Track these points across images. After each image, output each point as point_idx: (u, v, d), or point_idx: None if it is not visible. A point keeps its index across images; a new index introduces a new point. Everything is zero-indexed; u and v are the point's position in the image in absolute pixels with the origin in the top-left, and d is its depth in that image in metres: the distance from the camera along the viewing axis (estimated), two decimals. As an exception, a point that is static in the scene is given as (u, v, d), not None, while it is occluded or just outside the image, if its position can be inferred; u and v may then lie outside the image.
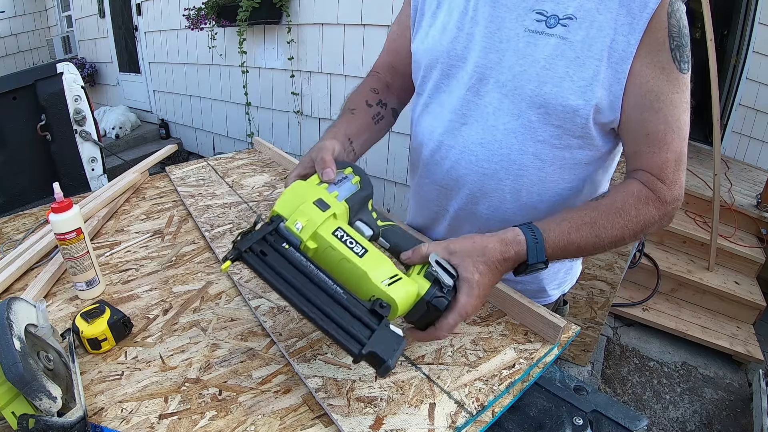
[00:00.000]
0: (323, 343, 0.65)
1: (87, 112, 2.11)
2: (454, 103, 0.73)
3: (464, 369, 0.61)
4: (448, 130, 0.74)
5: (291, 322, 0.69)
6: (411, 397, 0.57)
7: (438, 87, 0.76)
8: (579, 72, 0.62)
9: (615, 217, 0.62)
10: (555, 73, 0.63)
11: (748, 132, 3.23)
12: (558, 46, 0.63)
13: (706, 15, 1.82)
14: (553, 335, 0.66)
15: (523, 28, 0.65)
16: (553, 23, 0.63)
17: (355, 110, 0.81)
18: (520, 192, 0.72)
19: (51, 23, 5.92)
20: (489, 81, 0.69)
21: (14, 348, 0.48)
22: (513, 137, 0.69)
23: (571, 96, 0.63)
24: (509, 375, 0.61)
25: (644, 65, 0.61)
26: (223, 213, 1.03)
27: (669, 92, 0.61)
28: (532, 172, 0.70)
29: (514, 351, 0.65)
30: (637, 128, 0.64)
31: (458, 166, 0.74)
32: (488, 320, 0.71)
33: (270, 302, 0.74)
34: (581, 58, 0.62)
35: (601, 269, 1.91)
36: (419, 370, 0.61)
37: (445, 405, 0.56)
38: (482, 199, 0.75)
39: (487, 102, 0.70)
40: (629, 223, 0.63)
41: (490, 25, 0.68)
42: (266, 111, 3.40)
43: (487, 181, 0.73)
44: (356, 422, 0.53)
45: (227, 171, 1.28)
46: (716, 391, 2.07)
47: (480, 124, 0.71)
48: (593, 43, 0.61)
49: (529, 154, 0.69)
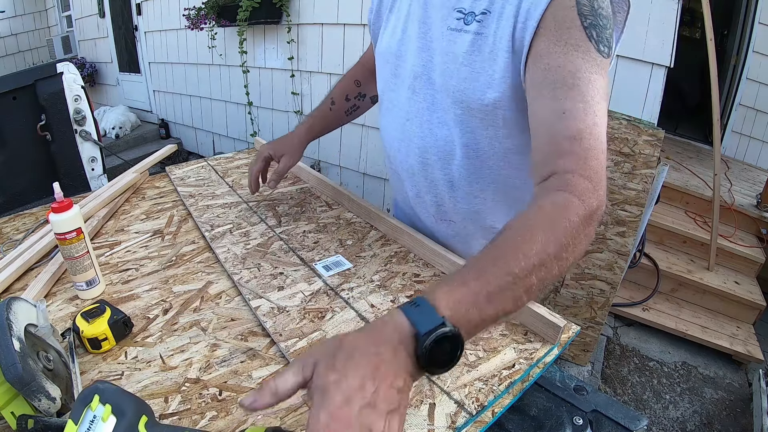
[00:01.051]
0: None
1: (87, 112, 2.11)
2: (401, 100, 0.79)
3: (464, 369, 0.61)
4: (397, 126, 0.81)
5: (291, 323, 0.69)
6: (411, 397, 0.57)
7: (389, 86, 0.82)
8: (492, 65, 0.63)
9: (526, 243, 0.46)
10: (473, 68, 0.65)
11: (748, 132, 3.23)
12: (474, 42, 0.64)
13: (706, 15, 1.82)
14: (553, 335, 0.66)
15: (446, 27, 0.68)
16: (470, 20, 0.64)
17: (333, 104, 0.98)
18: (454, 181, 0.76)
19: (51, 23, 5.92)
20: (422, 78, 0.73)
21: (13, 348, 0.48)
22: (446, 130, 0.73)
23: (488, 90, 0.64)
24: (509, 375, 0.61)
25: (551, 44, 0.56)
26: (223, 213, 1.03)
27: (586, 70, 0.55)
28: (465, 162, 0.74)
29: (514, 351, 0.65)
30: (544, 107, 0.57)
31: (407, 158, 0.81)
32: None
33: (270, 302, 0.74)
34: (494, 51, 0.62)
35: (601, 269, 1.91)
36: None
37: (445, 405, 0.56)
38: (427, 189, 0.81)
39: (421, 98, 0.74)
40: (561, 243, 0.47)
41: (422, 26, 0.72)
42: (266, 111, 3.40)
43: (429, 171, 0.78)
44: None
45: (227, 171, 1.28)
46: (716, 391, 2.07)
47: (418, 119, 0.76)
48: (503, 35, 0.61)
49: (461, 146, 0.72)
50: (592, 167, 0.53)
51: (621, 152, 1.80)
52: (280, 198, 1.12)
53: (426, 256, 0.86)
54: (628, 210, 1.83)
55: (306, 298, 0.75)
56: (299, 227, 0.98)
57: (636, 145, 1.77)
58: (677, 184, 2.64)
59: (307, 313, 0.72)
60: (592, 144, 0.54)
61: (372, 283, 0.79)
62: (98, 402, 0.44)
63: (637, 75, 1.92)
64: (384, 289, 0.78)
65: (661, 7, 1.79)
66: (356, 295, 0.76)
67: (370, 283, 0.79)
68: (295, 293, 0.76)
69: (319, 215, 1.03)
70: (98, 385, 0.45)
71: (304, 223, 0.99)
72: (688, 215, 2.62)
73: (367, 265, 0.85)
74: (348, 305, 0.74)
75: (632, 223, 1.83)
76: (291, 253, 0.88)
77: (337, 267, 0.84)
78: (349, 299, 0.75)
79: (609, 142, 1.81)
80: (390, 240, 0.93)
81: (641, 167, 1.78)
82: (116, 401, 0.45)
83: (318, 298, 0.75)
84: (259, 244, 0.91)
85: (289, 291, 0.77)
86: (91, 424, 0.43)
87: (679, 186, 2.63)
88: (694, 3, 2.09)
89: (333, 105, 1.00)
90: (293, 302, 0.74)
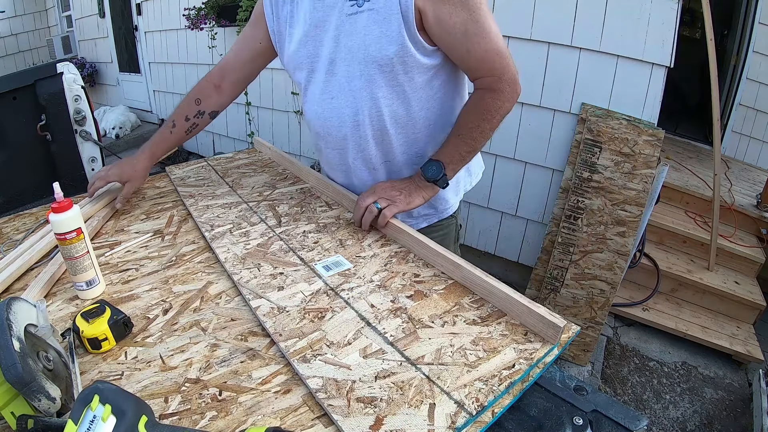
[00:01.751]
0: (323, 344, 0.65)
1: (87, 112, 2.11)
2: (320, 87, 0.96)
3: (464, 369, 0.61)
4: (325, 105, 0.97)
5: (291, 322, 0.69)
6: (411, 397, 0.57)
7: (308, 82, 0.99)
8: (388, 27, 0.83)
9: (470, 118, 0.92)
10: (372, 34, 0.85)
11: (748, 132, 3.23)
12: (370, 16, 0.84)
13: (706, 15, 1.83)
14: (553, 335, 0.65)
15: (345, 14, 0.86)
16: (362, 2, 0.84)
17: (174, 126, 1.12)
18: (386, 128, 0.95)
19: (51, 23, 5.92)
20: (336, 61, 0.91)
21: (13, 349, 0.48)
22: (365, 91, 0.91)
23: (390, 47, 0.85)
24: (509, 375, 0.60)
25: (437, 6, 0.81)
26: (223, 213, 1.03)
27: (469, 15, 0.81)
28: (390, 111, 0.93)
29: (514, 351, 0.65)
30: (460, 50, 0.86)
31: (340, 128, 0.97)
32: (488, 320, 0.71)
33: (270, 302, 0.74)
34: (387, 18, 0.83)
35: (601, 269, 1.91)
36: (419, 370, 0.61)
37: (445, 405, 0.56)
38: (366, 145, 0.98)
39: (339, 75, 0.92)
40: (482, 117, 0.91)
41: (323, 24, 0.90)
42: (266, 111, 3.40)
43: (362, 130, 0.96)
44: (356, 422, 0.53)
45: (227, 171, 1.28)
46: (716, 391, 2.07)
47: (343, 93, 0.94)
48: (392, 5, 0.82)
49: (381, 98, 0.92)
50: (497, 71, 0.88)
51: (621, 152, 1.80)
52: (279, 198, 1.12)
53: (426, 256, 0.86)
54: (628, 210, 1.83)
55: (306, 298, 0.75)
56: (299, 227, 0.98)
57: (636, 145, 1.77)
58: (677, 184, 2.64)
59: (307, 313, 0.72)
60: (494, 59, 0.87)
61: (372, 283, 0.79)
62: (98, 402, 0.44)
63: (637, 75, 1.92)
64: (384, 289, 0.78)
65: (661, 7, 1.79)
66: (356, 295, 0.76)
67: (369, 283, 0.79)
68: (295, 293, 0.76)
69: (319, 215, 1.03)
70: (98, 385, 0.45)
71: (304, 223, 0.99)
72: (688, 215, 2.62)
73: (366, 265, 0.85)
74: (348, 305, 0.74)
75: (632, 223, 1.83)
76: (291, 253, 0.88)
77: (337, 267, 0.84)
78: (349, 299, 0.75)
79: (609, 142, 1.82)
80: (390, 240, 0.93)
81: (641, 167, 1.78)
82: (116, 401, 0.45)
83: (318, 298, 0.75)
84: (259, 244, 0.91)
85: (289, 291, 0.77)
86: (91, 424, 0.43)
87: (679, 186, 2.63)
88: (694, 3, 2.09)
89: (174, 127, 1.12)
90: (293, 302, 0.74)
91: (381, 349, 0.64)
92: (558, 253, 2.00)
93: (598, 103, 2.01)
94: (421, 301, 0.75)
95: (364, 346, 0.65)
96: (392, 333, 0.67)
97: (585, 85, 2.02)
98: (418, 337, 0.67)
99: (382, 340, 0.66)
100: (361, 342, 0.66)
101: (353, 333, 0.67)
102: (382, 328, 0.68)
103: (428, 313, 0.72)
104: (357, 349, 0.64)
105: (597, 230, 1.90)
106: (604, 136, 1.82)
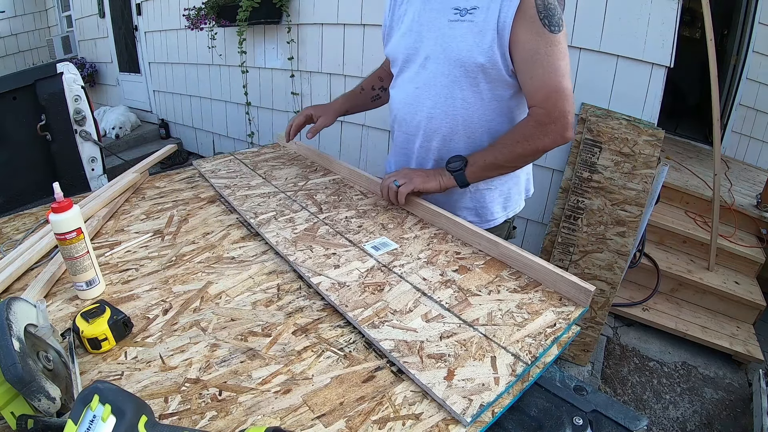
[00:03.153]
0: (387, 312, 0.72)
1: (87, 112, 2.12)
2: (411, 76, 1.07)
3: (514, 328, 0.70)
4: (409, 93, 1.07)
5: (354, 295, 0.76)
6: (474, 352, 0.64)
7: (402, 70, 1.10)
8: (482, 40, 0.93)
9: (508, 138, 0.98)
10: (467, 42, 0.94)
11: (748, 132, 3.23)
12: (469, 27, 0.94)
13: (706, 15, 1.82)
14: (585, 299, 0.75)
15: (446, 20, 0.97)
16: (464, 14, 0.94)
17: (363, 90, 1.31)
18: (456, 127, 1.03)
19: (51, 23, 5.92)
20: (431, 58, 1.01)
21: (13, 349, 0.48)
22: (447, 89, 1.00)
23: (479, 56, 0.94)
24: (553, 332, 0.69)
25: (522, 32, 0.90)
26: (263, 202, 1.08)
27: (544, 47, 0.90)
28: (464, 113, 1.01)
29: (553, 313, 0.74)
30: (525, 75, 0.94)
31: (415, 115, 1.07)
32: (527, 289, 0.80)
33: (330, 279, 0.79)
34: (483, 32, 0.93)
35: (601, 269, 1.91)
36: (477, 330, 0.69)
37: (504, 357, 0.64)
38: (433, 136, 1.06)
39: (429, 70, 1.02)
40: (517, 139, 0.96)
41: (428, 24, 1.01)
42: (266, 111, 3.40)
43: (434, 123, 1.04)
44: (432, 375, 0.60)
45: (257, 164, 1.32)
46: (716, 391, 2.07)
47: (426, 86, 1.03)
48: (490, 21, 0.91)
49: (459, 99, 1.00)
50: (549, 105, 0.93)
51: (621, 152, 1.80)
52: (314, 188, 1.16)
53: (463, 236, 0.94)
54: (628, 210, 1.83)
55: (362, 274, 0.82)
56: (340, 213, 1.03)
57: (636, 145, 1.77)
58: (677, 184, 2.64)
59: (367, 287, 0.77)
60: (550, 93, 0.92)
61: (419, 260, 0.87)
62: (98, 402, 0.44)
63: (637, 75, 1.92)
64: (432, 265, 0.85)
65: (661, 7, 1.79)
66: (408, 271, 0.83)
67: (417, 260, 0.87)
68: (351, 270, 0.83)
69: (356, 203, 1.09)
70: (98, 385, 0.45)
71: (344, 210, 1.05)
72: (688, 215, 2.62)
73: (411, 245, 0.92)
74: (402, 279, 0.81)
75: (632, 223, 1.83)
76: (339, 236, 0.93)
77: (385, 247, 0.91)
78: (402, 274, 0.82)
79: (609, 142, 1.81)
80: (427, 223, 1.01)
81: (641, 167, 1.78)
82: (116, 401, 0.45)
83: (373, 273, 0.81)
84: (305, 228, 0.96)
85: (345, 269, 0.83)
86: (90, 424, 0.43)
87: (679, 186, 2.63)
88: (694, 3, 2.09)
89: (362, 90, 1.30)
90: (351, 278, 0.81)
91: (440, 315, 0.72)
92: (558, 253, 2.00)
93: (598, 103, 2.00)
94: (467, 274, 0.83)
95: (425, 312, 0.73)
96: (447, 300, 0.75)
97: (585, 84, 2.02)
98: (470, 304, 0.75)
99: (440, 306, 0.74)
100: (421, 309, 0.73)
101: (413, 302, 0.75)
102: (438, 297, 0.76)
103: (474, 284, 0.80)
104: (419, 315, 0.72)
105: (597, 230, 1.89)
106: (604, 136, 1.82)
